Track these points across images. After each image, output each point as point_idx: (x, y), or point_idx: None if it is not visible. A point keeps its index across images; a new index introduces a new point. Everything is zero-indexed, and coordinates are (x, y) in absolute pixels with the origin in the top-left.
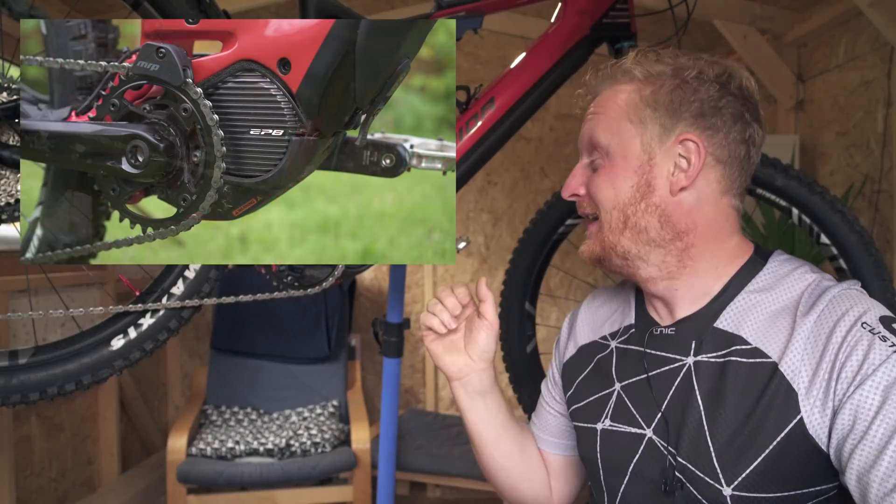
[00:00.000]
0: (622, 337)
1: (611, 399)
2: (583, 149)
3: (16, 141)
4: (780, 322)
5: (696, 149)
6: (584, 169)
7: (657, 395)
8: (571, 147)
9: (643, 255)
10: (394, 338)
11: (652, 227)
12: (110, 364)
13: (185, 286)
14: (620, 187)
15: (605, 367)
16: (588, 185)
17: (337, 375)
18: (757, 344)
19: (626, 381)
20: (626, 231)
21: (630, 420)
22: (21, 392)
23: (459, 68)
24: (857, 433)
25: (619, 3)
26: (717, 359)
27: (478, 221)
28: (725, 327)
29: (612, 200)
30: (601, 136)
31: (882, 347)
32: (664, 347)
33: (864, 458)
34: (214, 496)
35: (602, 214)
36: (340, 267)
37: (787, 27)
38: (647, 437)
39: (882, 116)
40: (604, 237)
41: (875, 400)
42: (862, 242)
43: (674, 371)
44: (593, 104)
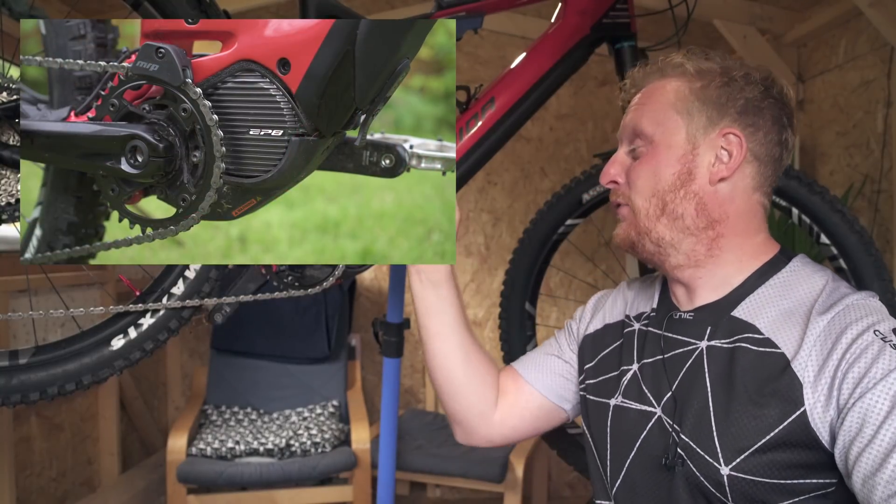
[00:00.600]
0: (645, 320)
1: (625, 377)
2: (623, 138)
3: (16, 141)
4: (795, 319)
5: (738, 142)
6: (624, 157)
7: (670, 376)
8: (571, 147)
9: (675, 242)
10: (394, 338)
11: (688, 215)
12: (110, 364)
13: (185, 286)
14: (662, 174)
15: (627, 346)
16: (628, 173)
17: (337, 375)
18: (769, 335)
19: (644, 360)
20: (663, 217)
21: (641, 398)
22: (21, 392)
23: (459, 68)
24: (864, 437)
25: (620, 4)
26: (728, 344)
27: (478, 221)
28: (741, 316)
29: (652, 187)
30: (646, 125)
31: (893, 355)
32: (682, 331)
33: (871, 461)
34: (214, 496)
35: (639, 201)
36: (340, 267)
37: (787, 27)
38: (657, 415)
39: (882, 116)
40: (639, 223)
41: (884, 406)
42: (862, 242)
43: (687, 353)
44: (639, 95)
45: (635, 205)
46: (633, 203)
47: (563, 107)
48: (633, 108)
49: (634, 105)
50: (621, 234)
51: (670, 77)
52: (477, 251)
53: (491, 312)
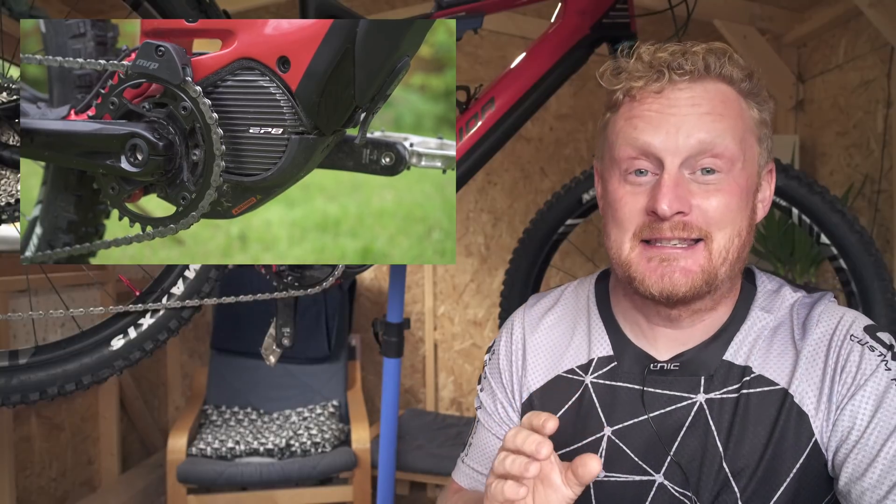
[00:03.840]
0: (599, 371)
1: (600, 446)
2: (681, 151)
3: (16, 141)
4: (778, 345)
5: (771, 179)
6: (683, 177)
7: (664, 439)
8: (571, 147)
9: (720, 287)
10: (394, 338)
11: (744, 259)
12: (110, 364)
13: (185, 286)
14: (744, 209)
15: (585, 408)
16: (700, 202)
17: (337, 375)
18: (764, 372)
19: (619, 424)
20: (737, 261)
21: (631, 468)
22: (21, 392)
23: (459, 68)
24: (850, 441)
25: (619, 4)
26: (731, 394)
27: (478, 221)
28: (735, 360)
29: (737, 226)
30: (731, 143)
31: (871, 357)
32: (666, 385)
33: (858, 464)
34: (214, 496)
35: (722, 240)
36: (340, 267)
37: (787, 27)
38: (658, 482)
39: (882, 116)
40: (712, 265)
41: (868, 409)
42: (862, 242)
43: (682, 411)
44: (702, 98)
45: (716, 243)
46: (713, 239)
47: (563, 107)
48: (700, 115)
49: (705, 113)
50: (696, 274)
51: (739, 89)
52: (477, 251)
53: (491, 312)
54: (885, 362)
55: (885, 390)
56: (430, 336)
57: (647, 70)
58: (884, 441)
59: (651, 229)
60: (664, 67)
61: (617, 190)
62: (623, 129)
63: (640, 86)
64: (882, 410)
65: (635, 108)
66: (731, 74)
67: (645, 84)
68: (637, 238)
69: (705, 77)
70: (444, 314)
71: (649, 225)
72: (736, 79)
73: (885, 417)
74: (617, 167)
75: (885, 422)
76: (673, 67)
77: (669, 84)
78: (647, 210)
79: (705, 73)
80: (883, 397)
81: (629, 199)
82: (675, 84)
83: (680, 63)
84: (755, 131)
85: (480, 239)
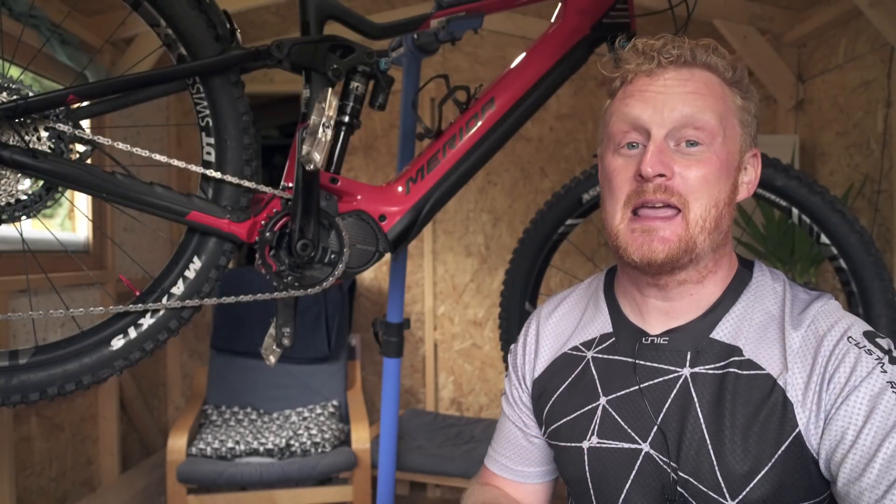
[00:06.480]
0: (599, 346)
1: (595, 414)
2: (666, 123)
3: (16, 141)
4: (770, 334)
5: (756, 164)
6: (667, 146)
7: (652, 408)
8: (571, 147)
9: (702, 257)
10: (394, 338)
11: (722, 231)
12: (110, 364)
13: (185, 286)
14: (723, 183)
15: (586, 380)
16: (682, 170)
17: (337, 375)
18: (752, 356)
19: (613, 394)
20: (714, 231)
21: (622, 435)
22: (21, 392)
23: (459, 68)
24: (846, 442)
25: (619, 4)
26: (716, 370)
27: (478, 221)
28: (722, 338)
29: (713, 196)
30: (712, 119)
31: (868, 360)
32: (657, 358)
33: (855, 465)
34: (214, 496)
35: (697, 209)
36: (341, 266)
37: (787, 27)
38: (644, 451)
39: (882, 116)
40: (689, 234)
41: (863, 410)
42: (862, 242)
43: (668, 383)
44: (689, 82)
45: (692, 212)
46: (690, 209)
47: (563, 107)
48: (685, 94)
49: (689, 92)
50: (673, 243)
51: (722, 77)
52: (477, 251)
53: (491, 312)
54: (881, 364)
55: (881, 392)
56: (430, 336)
57: (640, 56)
58: (881, 441)
59: (638, 194)
60: (655, 53)
61: (611, 162)
62: (617, 108)
63: (633, 68)
64: (878, 411)
65: (628, 89)
66: (715, 64)
67: (637, 67)
68: (627, 207)
69: (692, 64)
70: (444, 314)
71: (637, 190)
72: (720, 68)
73: (881, 418)
74: (612, 142)
75: (881, 422)
76: (662, 53)
77: (659, 68)
78: (635, 175)
79: (692, 61)
80: (878, 398)
81: (621, 169)
82: (665, 69)
83: (669, 50)
84: (737, 114)
85: (480, 239)
